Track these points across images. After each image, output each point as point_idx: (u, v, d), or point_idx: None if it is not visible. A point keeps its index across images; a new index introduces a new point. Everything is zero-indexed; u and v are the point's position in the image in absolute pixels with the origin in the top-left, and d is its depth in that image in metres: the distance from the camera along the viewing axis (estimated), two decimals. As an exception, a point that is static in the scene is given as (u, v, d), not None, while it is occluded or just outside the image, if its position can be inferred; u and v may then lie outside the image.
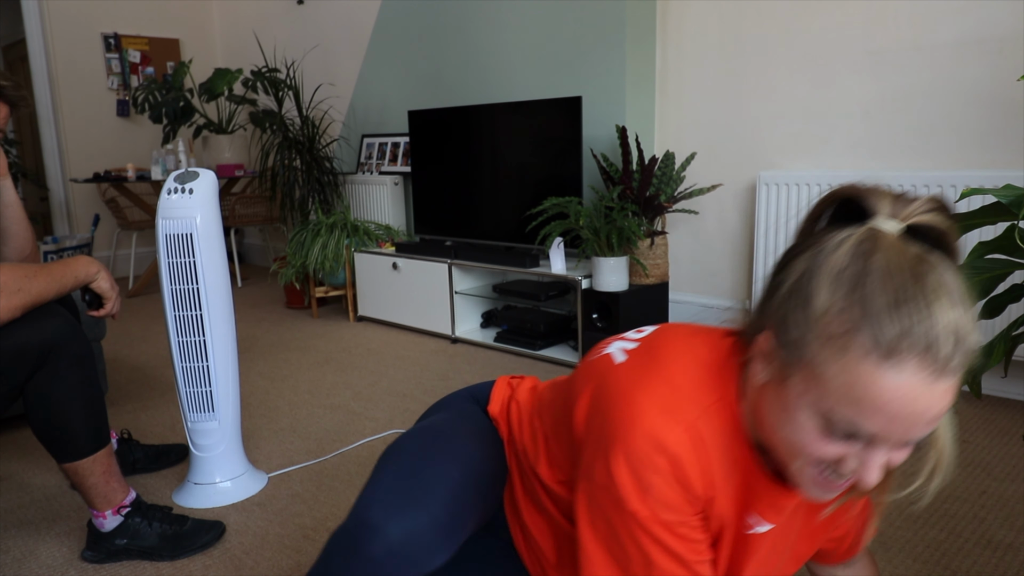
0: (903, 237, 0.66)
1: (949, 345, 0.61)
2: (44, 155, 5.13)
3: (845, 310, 0.63)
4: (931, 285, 0.62)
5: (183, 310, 1.78)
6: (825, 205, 0.73)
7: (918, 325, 0.61)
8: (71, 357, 1.48)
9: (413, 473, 0.90)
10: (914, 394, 0.62)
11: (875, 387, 0.62)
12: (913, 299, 0.62)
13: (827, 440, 0.67)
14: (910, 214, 0.67)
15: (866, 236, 0.65)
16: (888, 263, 0.63)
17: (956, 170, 2.43)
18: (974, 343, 0.64)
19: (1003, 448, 2.05)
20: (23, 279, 1.44)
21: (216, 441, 1.87)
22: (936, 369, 0.62)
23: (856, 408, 0.63)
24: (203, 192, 1.75)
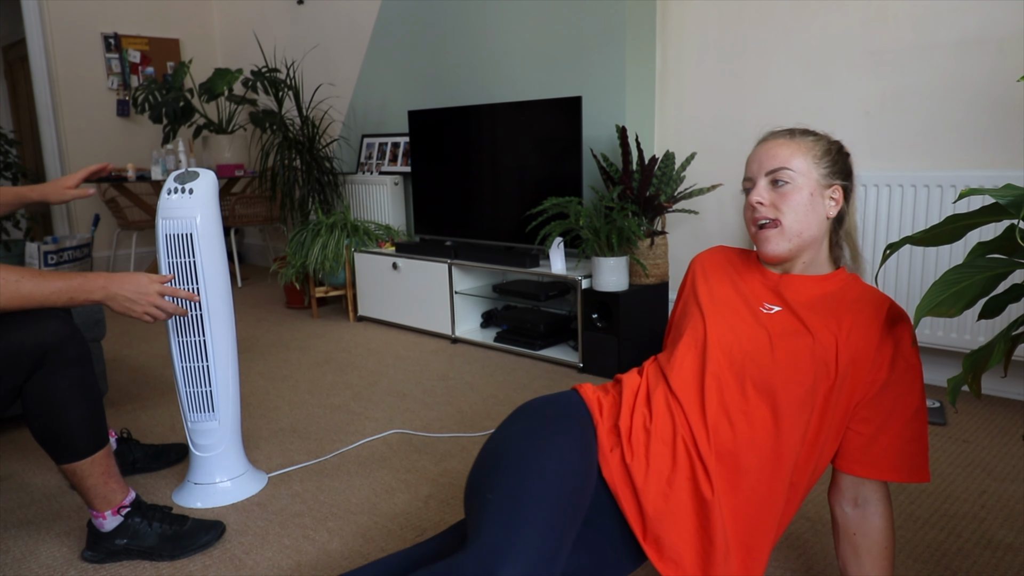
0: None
1: (780, 130, 1.25)
2: (44, 155, 5.13)
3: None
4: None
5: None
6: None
7: (766, 133, 1.28)
8: (68, 358, 1.48)
9: (518, 515, 0.98)
10: (759, 149, 1.23)
11: (749, 156, 1.24)
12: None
13: (745, 199, 1.21)
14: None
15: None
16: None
17: (956, 170, 2.43)
18: (804, 131, 1.24)
19: (1003, 448, 2.05)
20: (30, 280, 1.43)
21: (216, 441, 1.87)
22: (771, 136, 1.24)
23: (746, 169, 1.24)
24: (203, 192, 1.75)
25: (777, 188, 1.17)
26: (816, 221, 1.19)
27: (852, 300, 1.16)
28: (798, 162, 1.18)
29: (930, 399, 2.39)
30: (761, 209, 1.18)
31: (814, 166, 1.19)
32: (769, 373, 1.11)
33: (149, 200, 5.11)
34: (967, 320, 2.40)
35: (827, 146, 1.23)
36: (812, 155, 1.19)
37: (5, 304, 1.40)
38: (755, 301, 1.21)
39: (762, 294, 1.22)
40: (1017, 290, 1.10)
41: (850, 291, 1.18)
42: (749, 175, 1.21)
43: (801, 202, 1.17)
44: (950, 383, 1.14)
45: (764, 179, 1.19)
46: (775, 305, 1.19)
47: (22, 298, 1.42)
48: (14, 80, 6.32)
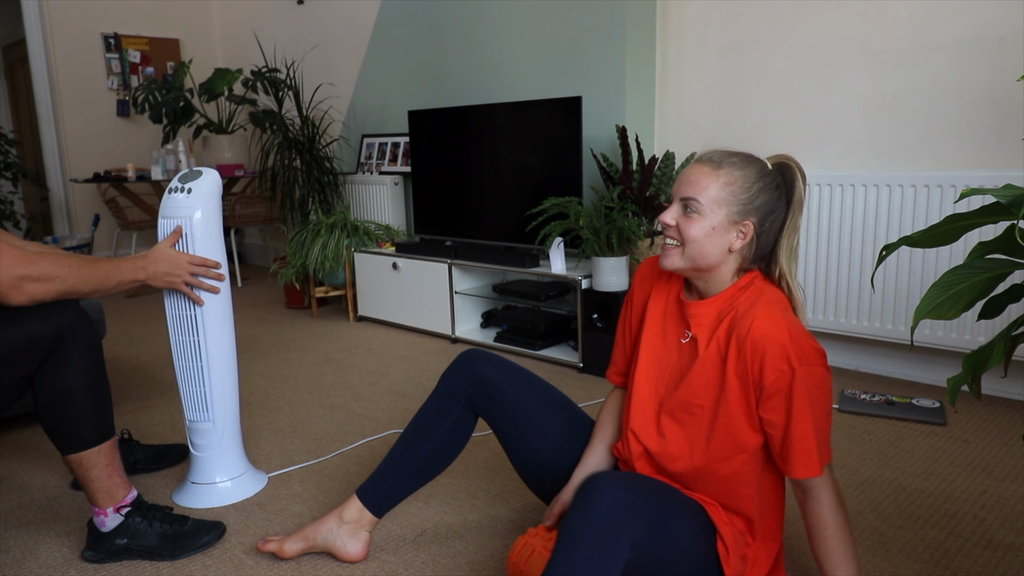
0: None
1: (710, 153, 1.26)
2: (44, 155, 5.13)
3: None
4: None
5: (182, 310, 1.78)
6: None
7: (706, 148, 1.30)
8: (82, 346, 1.50)
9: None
10: (685, 171, 1.26)
11: (683, 169, 1.36)
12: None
13: (664, 212, 1.27)
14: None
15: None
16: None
17: (956, 170, 2.43)
18: (730, 160, 1.24)
19: (1003, 448, 2.05)
20: (64, 268, 1.47)
21: (211, 441, 1.87)
22: (698, 161, 1.26)
23: (675, 186, 1.28)
24: (202, 191, 1.74)
25: (686, 214, 1.23)
26: (716, 251, 1.23)
27: (739, 321, 1.23)
28: (712, 194, 1.21)
29: (930, 399, 2.39)
30: (668, 230, 1.26)
31: (728, 201, 1.21)
32: (681, 400, 1.30)
33: (149, 200, 5.11)
34: (967, 320, 2.40)
35: (752, 181, 1.22)
36: (730, 189, 1.21)
37: (71, 290, 1.48)
38: (676, 332, 1.34)
39: (680, 321, 1.34)
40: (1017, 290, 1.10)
41: (739, 308, 1.25)
42: (671, 193, 1.30)
43: (701, 233, 1.21)
44: (950, 383, 1.14)
45: (678, 203, 1.24)
46: (691, 332, 1.30)
47: (84, 281, 1.50)
48: (14, 80, 6.32)
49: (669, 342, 1.34)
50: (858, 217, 2.57)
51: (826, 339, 2.81)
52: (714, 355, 1.25)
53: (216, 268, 1.74)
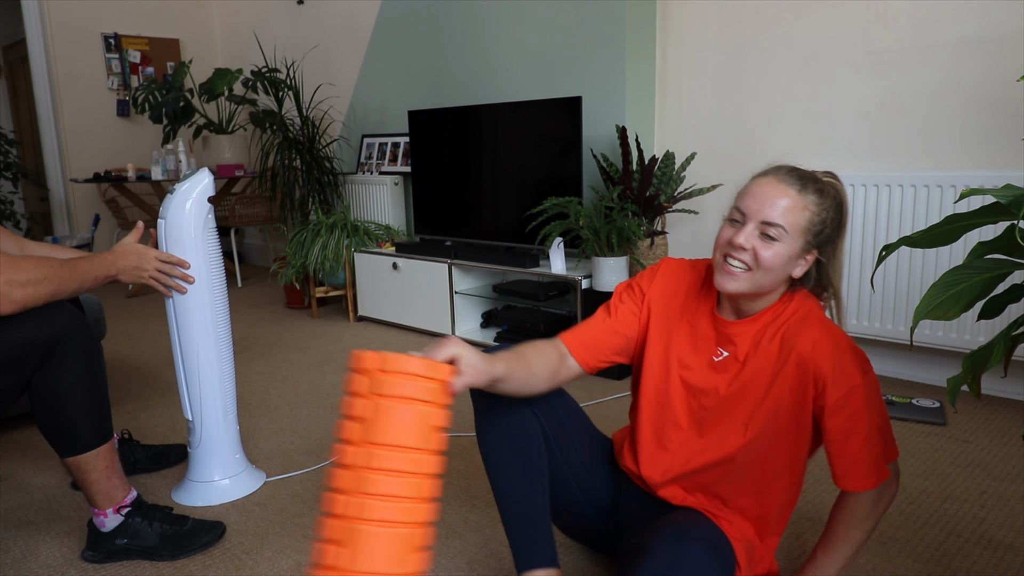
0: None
1: (789, 171, 1.18)
2: (44, 155, 5.13)
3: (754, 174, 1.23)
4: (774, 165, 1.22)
5: (172, 308, 1.79)
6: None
7: (774, 166, 1.21)
8: (78, 350, 1.50)
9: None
10: (764, 185, 1.16)
11: (750, 185, 1.19)
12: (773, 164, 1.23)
13: (728, 227, 1.18)
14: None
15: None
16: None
17: (956, 170, 2.43)
18: (812, 182, 1.17)
19: (1003, 448, 2.05)
20: (48, 270, 1.47)
21: (214, 439, 1.87)
22: (779, 175, 1.17)
23: (741, 198, 1.18)
24: (183, 192, 1.75)
25: (763, 240, 1.14)
26: (780, 278, 1.18)
27: (795, 339, 1.19)
28: (795, 220, 1.14)
29: (930, 399, 2.39)
30: (740, 254, 1.15)
31: (804, 231, 1.15)
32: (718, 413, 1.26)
33: (149, 200, 5.11)
34: (967, 320, 2.40)
35: (826, 210, 1.17)
36: (808, 221, 1.15)
37: (57, 291, 1.49)
38: (707, 350, 1.27)
39: (713, 338, 1.27)
40: (1017, 290, 1.10)
41: (789, 325, 1.21)
42: (743, 209, 1.16)
43: (778, 262, 1.14)
44: (950, 383, 1.14)
45: (754, 224, 1.15)
46: (726, 351, 1.25)
47: (68, 280, 1.51)
48: (14, 80, 6.32)
49: (700, 360, 1.27)
50: (858, 217, 2.57)
51: (826, 339, 2.81)
52: (761, 373, 1.21)
53: (184, 267, 1.75)
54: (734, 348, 1.23)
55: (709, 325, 1.27)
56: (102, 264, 1.62)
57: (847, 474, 1.20)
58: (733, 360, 1.24)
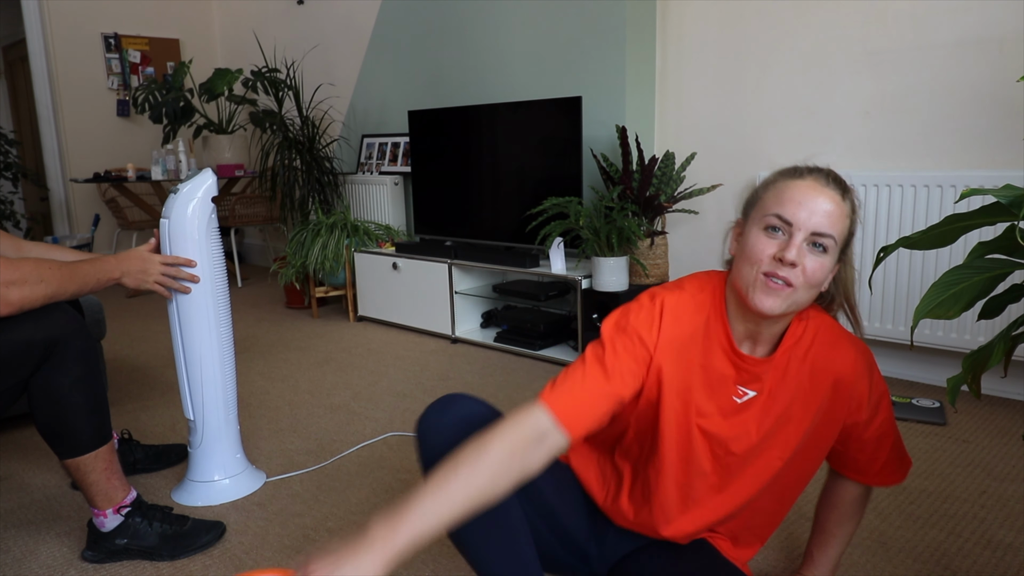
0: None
1: (827, 173, 1.04)
2: (44, 155, 5.13)
3: (774, 175, 1.07)
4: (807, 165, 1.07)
5: (172, 308, 1.79)
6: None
7: (804, 165, 1.06)
8: (76, 352, 1.49)
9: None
10: (809, 190, 1.01)
11: (788, 189, 1.02)
12: (802, 164, 1.08)
13: (766, 237, 1.01)
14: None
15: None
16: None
17: (956, 170, 2.43)
18: (849, 187, 1.05)
19: (1003, 448, 2.05)
20: (46, 272, 1.47)
21: (215, 439, 1.87)
22: (821, 180, 1.02)
23: (780, 203, 1.01)
24: (186, 192, 1.75)
25: (813, 252, 1.00)
26: (816, 295, 1.06)
27: (823, 365, 1.11)
28: (840, 232, 1.02)
29: (930, 399, 2.39)
30: (788, 271, 0.99)
31: (843, 241, 1.05)
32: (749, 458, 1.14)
33: (149, 200, 5.11)
34: (967, 320, 2.40)
35: (857, 218, 1.08)
36: (848, 230, 1.04)
37: (56, 293, 1.49)
38: (726, 391, 1.11)
39: (733, 377, 1.11)
40: (1017, 290, 1.10)
41: (815, 351, 1.12)
42: (788, 218, 1.00)
43: (823, 278, 1.02)
44: (950, 383, 1.14)
45: (803, 235, 1.00)
46: (750, 390, 1.11)
47: (67, 282, 1.51)
48: (14, 80, 6.32)
49: (720, 404, 1.11)
50: (858, 218, 2.57)
51: (826, 339, 2.81)
52: (794, 406, 1.11)
53: (189, 266, 1.75)
54: (760, 385, 1.10)
55: (727, 363, 1.10)
56: (105, 267, 1.61)
57: (881, 473, 1.22)
58: (760, 399, 1.11)
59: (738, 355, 1.09)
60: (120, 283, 1.66)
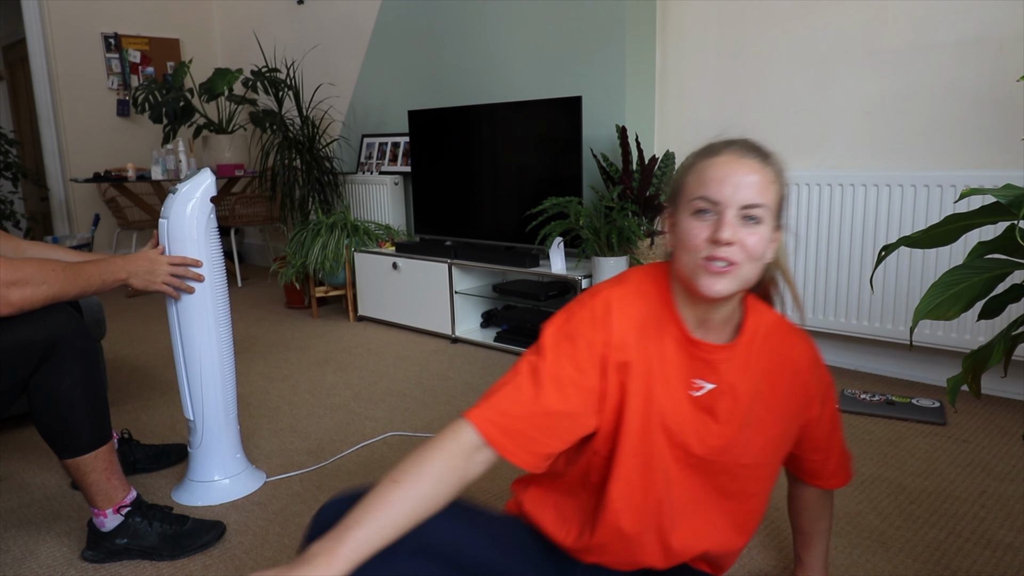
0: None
1: (743, 144, 1.00)
2: (44, 155, 5.13)
3: (691, 157, 1.04)
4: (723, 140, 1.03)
5: (171, 308, 1.79)
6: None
7: (719, 141, 1.02)
8: (76, 352, 1.49)
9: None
10: (728, 165, 0.97)
11: (708, 168, 0.99)
12: (716, 140, 1.03)
13: (697, 222, 0.98)
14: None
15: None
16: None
17: (956, 170, 2.43)
18: (768, 152, 1.01)
19: (1003, 448, 2.05)
20: (49, 273, 1.46)
21: (214, 438, 1.87)
22: (738, 152, 0.98)
23: (702, 185, 0.98)
24: (184, 192, 1.75)
25: (746, 226, 0.96)
26: (761, 267, 1.01)
27: (779, 362, 1.10)
28: (769, 199, 0.98)
29: (930, 399, 2.39)
30: (727, 250, 0.95)
31: (776, 208, 1.00)
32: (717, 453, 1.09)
33: (149, 200, 5.11)
34: (967, 320, 2.40)
35: (784, 181, 1.04)
36: (778, 195, 1.00)
37: (58, 294, 1.48)
38: (683, 384, 1.06)
39: (688, 368, 1.06)
40: (1017, 290, 1.10)
41: (772, 343, 1.10)
42: (713, 197, 0.96)
43: (763, 248, 0.98)
44: (950, 383, 1.15)
45: (735, 211, 0.96)
46: (707, 382, 1.06)
47: (70, 284, 1.51)
48: (14, 80, 6.32)
49: (676, 399, 1.05)
50: (858, 217, 2.57)
51: (826, 339, 2.81)
52: (757, 406, 1.07)
53: (196, 266, 1.75)
54: (718, 378, 1.05)
55: (681, 352, 1.05)
56: (110, 268, 1.61)
57: (836, 473, 1.23)
58: (721, 394, 1.06)
59: (692, 342, 1.04)
60: (127, 284, 1.66)
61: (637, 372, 1.03)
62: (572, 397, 0.99)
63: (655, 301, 1.06)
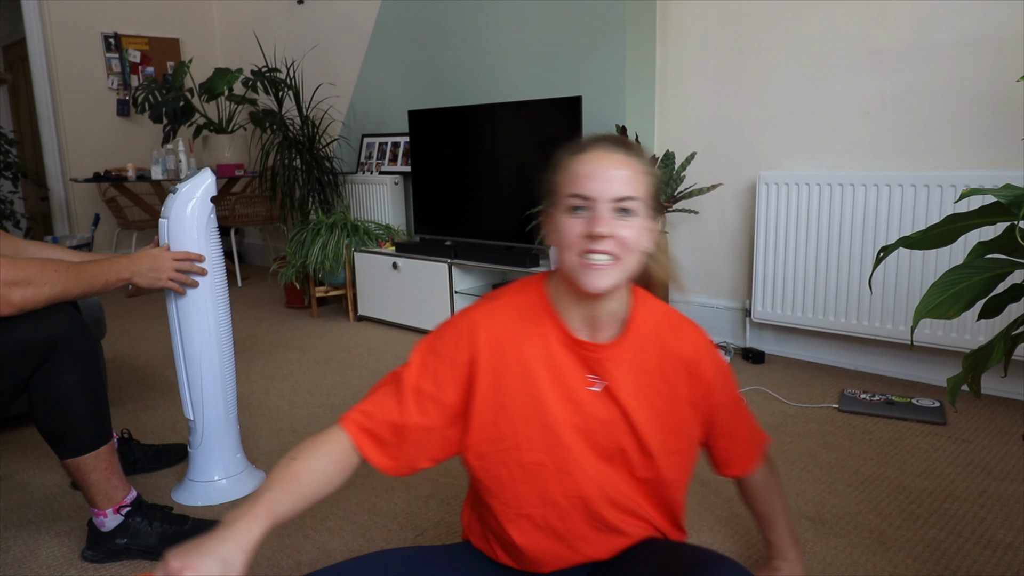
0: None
1: (610, 138, 1.02)
2: (44, 155, 5.13)
3: (561, 156, 1.04)
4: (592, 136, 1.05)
5: (171, 308, 1.79)
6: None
7: (586, 138, 1.03)
8: (76, 352, 1.49)
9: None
10: (596, 160, 0.99)
11: (577, 165, 1.00)
12: (583, 137, 1.04)
13: (573, 219, 0.99)
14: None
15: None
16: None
17: (956, 170, 2.43)
18: (635, 145, 1.04)
19: (1003, 448, 2.05)
20: (51, 273, 1.46)
21: (215, 438, 1.87)
22: (605, 147, 1.00)
23: (574, 182, 0.99)
24: (184, 192, 1.75)
25: (621, 218, 0.98)
26: (640, 258, 1.03)
27: (665, 349, 1.10)
28: (642, 190, 1.00)
29: (930, 399, 2.39)
30: (604, 244, 0.97)
31: (650, 198, 1.03)
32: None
33: (149, 200, 5.11)
34: (967, 320, 2.40)
35: (654, 172, 1.06)
36: (650, 185, 1.03)
37: (60, 295, 1.48)
38: (577, 383, 1.07)
39: (579, 367, 1.07)
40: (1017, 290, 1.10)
41: (662, 333, 1.11)
42: (586, 194, 0.98)
43: (640, 239, 1.00)
44: (950, 383, 1.14)
45: (609, 204, 0.98)
46: (600, 379, 1.07)
47: (73, 284, 1.50)
48: (14, 80, 6.32)
49: (575, 399, 1.06)
50: (858, 217, 2.57)
51: (826, 339, 2.81)
52: (655, 398, 1.09)
53: (199, 260, 1.75)
54: (608, 374, 1.06)
55: (568, 353, 1.06)
56: (114, 267, 1.61)
57: (744, 459, 1.25)
58: (616, 389, 1.07)
59: (576, 342, 1.06)
60: (132, 283, 1.66)
61: (513, 382, 1.05)
62: (430, 412, 1.04)
63: (530, 310, 1.08)
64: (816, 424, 2.25)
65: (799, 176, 2.69)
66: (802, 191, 2.69)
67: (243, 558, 0.89)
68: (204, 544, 0.87)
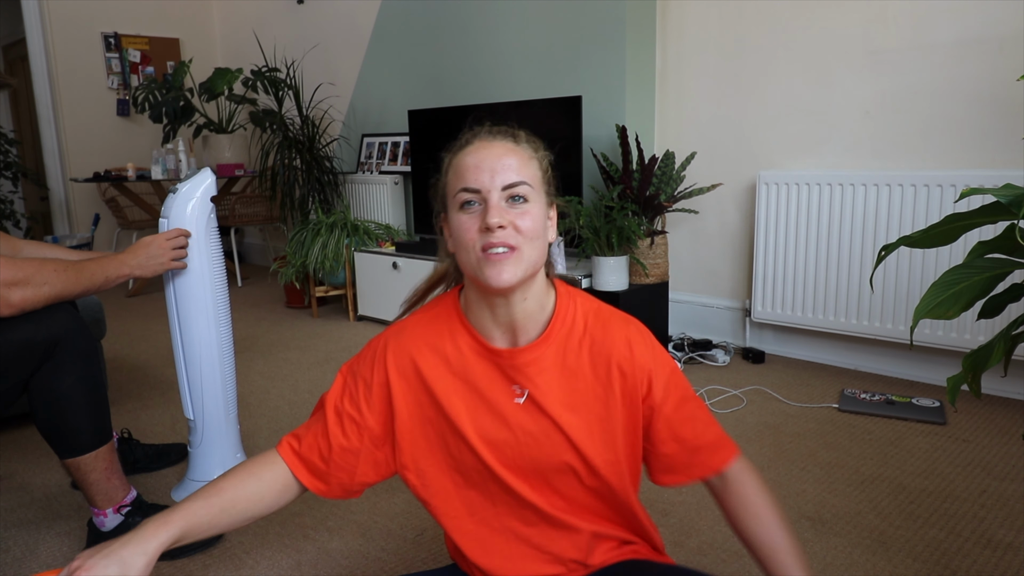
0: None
1: (489, 129, 1.03)
2: (44, 155, 5.13)
3: (445, 155, 1.04)
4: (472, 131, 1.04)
5: (171, 308, 1.79)
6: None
7: (465, 133, 1.04)
8: (76, 352, 1.49)
9: None
10: (479, 151, 0.97)
11: (463, 161, 0.98)
12: (463, 132, 1.05)
13: (466, 216, 0.95)
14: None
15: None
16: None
17: (956, 170, 2.43)
18: (517, 131, 1.04)
19: (1003, 448, 2.05)
20: (50, 273, 1.46)
21: (215, 438, 1.87)
22: (487, 137, 1.01)
23: (460, 178, 0.97)
24: (184, 193, 1.75)
25: (514, 207, 0.95)
26: (544, 247, 0.99)
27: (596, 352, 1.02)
28: (531, 175, 0.98)
29: (930, 399, 2.39)
30: (501, 234, 0.92)
31: (542, 183, 1.01)
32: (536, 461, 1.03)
33: (149, 199, 5.11)
34: (967, 320, 2.40)
35: (546, 156, 1.04)
36: (539, 169, 1.01)
37: (60, 294, 1.48)
38: (501, 394, 1.01)
39: (500, 378, 1.01)
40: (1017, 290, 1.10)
41: (592, 332, 1.02)
42: (474, 187, 0.94)
43: (539, 226, 0.96)
44: (950, 383, 1.14)
45: (500, 193, 0.94)
46: (524, 387, 1.01)
47: (72, 284, 1.50)
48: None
49: (499, 412, 1.01)
50: (858, 217, 2.58)
51: (826, 339, 2.81)
52: (590, 400, 1.00)
53: (187, 235, 1.72)
54: (530, 382, 1.00)
55: (486, 364, 1.01)
56: (112, 264, 1.60)
57: (703, 463, 1.04)
58: (543, 396, 1.00)
59: (490, 351, 1.00)
60: (135, 277, 1.66)
61: (427, 399, 1.02)
62: (352, 434, 1.03)
63: (443, 323, 1.05)
64: (816, 424, 2.25)
65: (799, 176, 2.69)
66: (802, 191, 2.69)
67: (143, 561, 0.89)
68: (108, 545, 0.89)
